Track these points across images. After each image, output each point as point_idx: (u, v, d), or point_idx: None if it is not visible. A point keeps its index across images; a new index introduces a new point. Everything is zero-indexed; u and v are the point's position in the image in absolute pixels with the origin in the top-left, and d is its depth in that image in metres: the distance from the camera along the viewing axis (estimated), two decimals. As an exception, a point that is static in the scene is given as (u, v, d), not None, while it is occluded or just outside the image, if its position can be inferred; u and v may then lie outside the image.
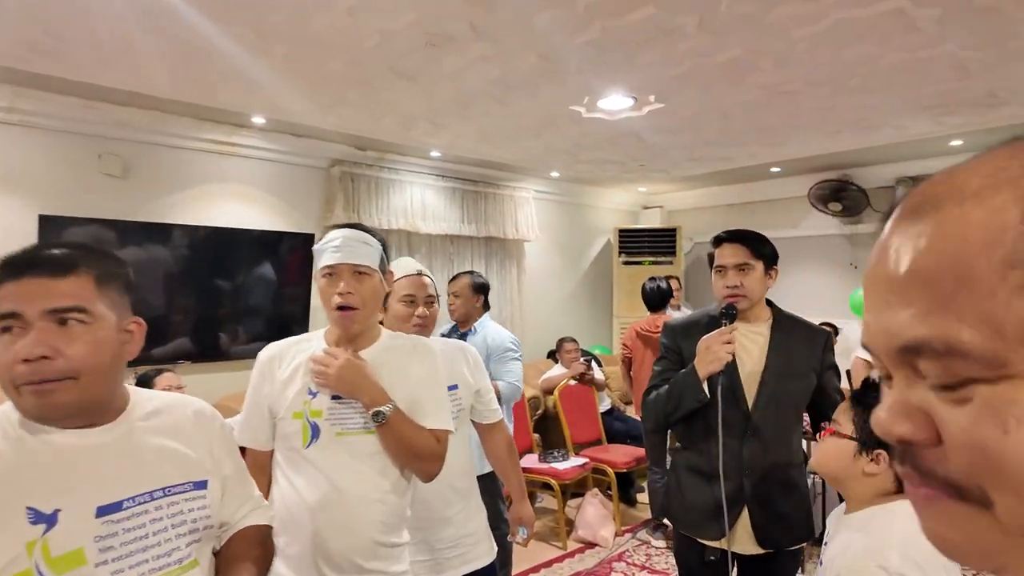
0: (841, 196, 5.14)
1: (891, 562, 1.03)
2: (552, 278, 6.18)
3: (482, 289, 3.03)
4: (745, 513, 1.72)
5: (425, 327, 1.83)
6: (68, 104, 3.33)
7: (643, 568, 3.54)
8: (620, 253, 6.29)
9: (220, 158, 3.99)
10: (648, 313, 4.11)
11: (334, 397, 1.37)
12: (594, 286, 6.55)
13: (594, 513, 3.94)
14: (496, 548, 1.93)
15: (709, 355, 1.66)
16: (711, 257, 1.86)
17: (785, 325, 1.82)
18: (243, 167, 4.10)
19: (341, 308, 1.37)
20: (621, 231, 6.32)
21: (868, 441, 1.16)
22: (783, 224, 5.64)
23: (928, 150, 4.53)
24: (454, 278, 3.06)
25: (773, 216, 5.71)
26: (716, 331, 1.70)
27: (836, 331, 4.12)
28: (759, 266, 1.76)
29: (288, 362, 1.41)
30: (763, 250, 1.78)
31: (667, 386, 1.78)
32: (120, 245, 3.47)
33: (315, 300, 4.37)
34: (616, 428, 4.79)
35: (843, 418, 1.22)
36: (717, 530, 1.72)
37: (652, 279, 4.14)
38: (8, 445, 0.90)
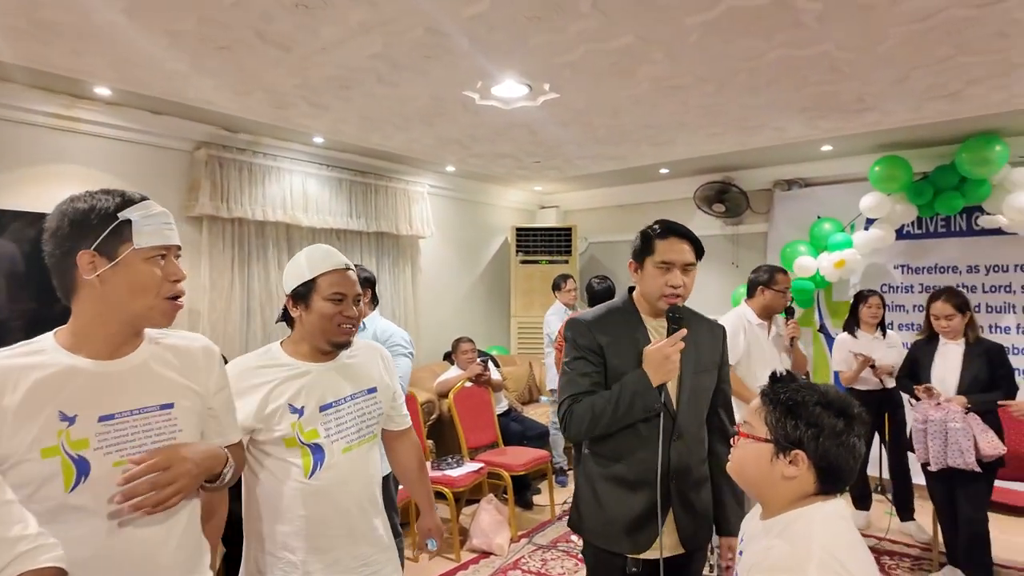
0: (724, 198, 5.35)
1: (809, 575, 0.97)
2: (448, 277, 5.97)
3: (369, 283, 2.82)
4: (671, 517, 1.65)
5: (355, 329, 1.59)
6: None
7: (538, 574, 3.42)
8: (517, 252, 6.23)
9: (57, 134, 3.42)
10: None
11: (105, 417, 1.09)
12: (491, 285, 6.43)
13: (489, 520, 3.78)
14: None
15: (669, 364, 1.56)
16: (646, 247, 1.68)
17: (691, 321, 1.74)
18: (87, 146, 3.54)
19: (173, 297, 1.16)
20: (518, 230, 6.27)
21: (784, 441, 1.08)
22: (672, 224, 5.79)
23: (802, 154, 4.80)
24: None
25: (663, 216, 5.83)
26: (671, 337, 1.60)
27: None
28: (696, 267, 1.71)
29: (14, 384, 1.04)
30: (700, 251, 1.72)
31: (607, 394, 1.63)
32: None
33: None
34: (512, 429, 4.68)
35: (755, 419, 1.13)
36: (644, 540, 1.63)
37: (598, 278, 4.19)
38: None
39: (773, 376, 1.17)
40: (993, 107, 3.50)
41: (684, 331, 1.61)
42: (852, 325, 3.94)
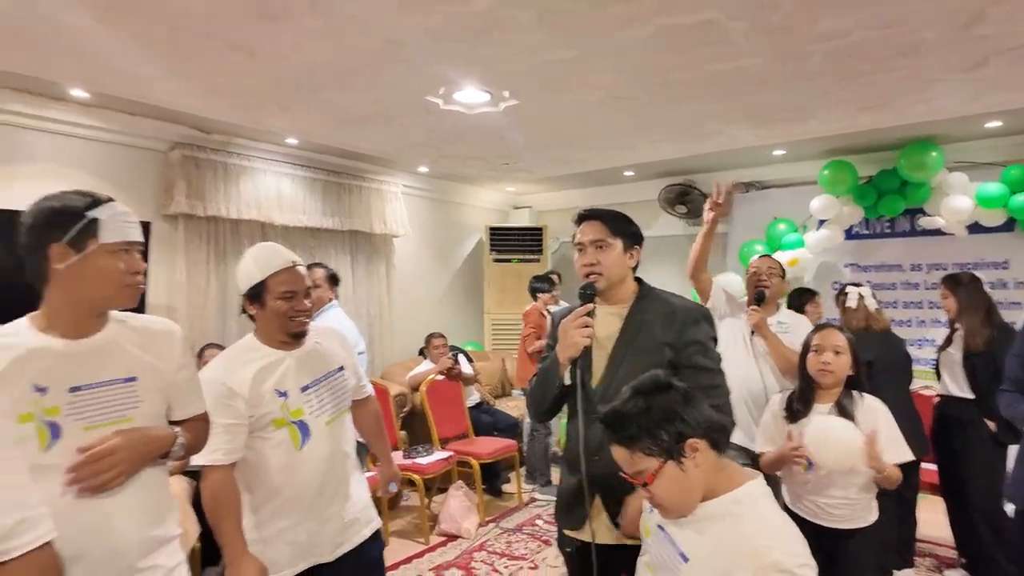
0: (686, 199, 5.58)
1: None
2: (424, 275, 6.14)
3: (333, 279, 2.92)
4: (598, 500, 1.61)
5: (309, 317, 1.77)
6: None
7: (503, 556, 3.59)
8: (491, 251, 6.40)
9: (25, 133, 3.50)
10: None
11: (74, 388, 1.23)
12: (466, 283, 6.60)
13: (457, 505, 3.94)
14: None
15: (567, 339, 1.57)
16: (574, 238, 1.78)
17: (646, 301, 1.70)
18: (63, 146, 3.66)
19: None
20: (492, 229, 6.44)
21: (673, 446, 1.17)
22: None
23: (757, 159, 5.03)
24: None
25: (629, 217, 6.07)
26: (572, 313, 1.61)
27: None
28: (618, 244, 1.67)
29: None
30: (621, 228, 1.69)
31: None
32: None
33: (155, 295, 4.01)
34: (483, 421, 4.84)
35: (637, 462, 1.20)
36: (574, 518, 1.65)
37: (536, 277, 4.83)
38: None
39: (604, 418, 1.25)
40: (918, 117, 3.74)
41: (590, 307, 1.60)
42: None
